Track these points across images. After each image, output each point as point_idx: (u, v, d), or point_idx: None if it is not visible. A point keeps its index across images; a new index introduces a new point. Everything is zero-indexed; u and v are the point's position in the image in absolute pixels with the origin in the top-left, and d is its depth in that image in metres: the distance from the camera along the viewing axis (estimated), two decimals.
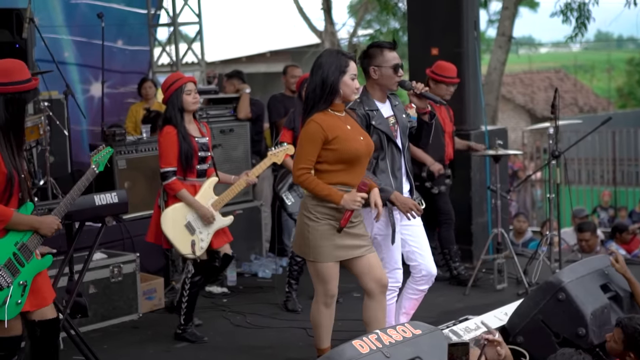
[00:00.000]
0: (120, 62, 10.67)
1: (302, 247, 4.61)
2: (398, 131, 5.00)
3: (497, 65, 14.22)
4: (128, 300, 6.29)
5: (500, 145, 7.05)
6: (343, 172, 4.53)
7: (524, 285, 6.86)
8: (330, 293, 4.64)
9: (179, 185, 5.58)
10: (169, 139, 5.55)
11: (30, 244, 4.10)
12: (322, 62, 4.52)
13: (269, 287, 7.20)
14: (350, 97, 4.58)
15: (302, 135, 4.53)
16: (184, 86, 5.60)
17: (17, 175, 4.03)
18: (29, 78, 4.07)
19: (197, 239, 5.67)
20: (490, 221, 7.92)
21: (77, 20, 10.05)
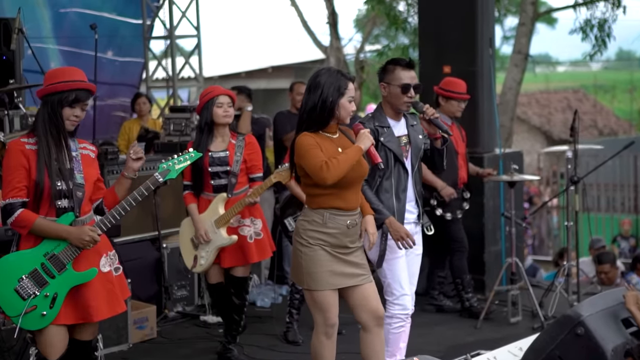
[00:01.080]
0: (110, 73, 10.72)
1: (297, 274, 4.63)
2: (409, 152, 5.04)
3: (512, 85, 14.26)
4: (117, 330, 6.27)
5: (515, 169, 7.06)
6: (334, 197, 4.53)
7: (540, 318, 6.85)
8: (330, 322, 4.63)
9: (188, 200, 5.89)
10: None
11: (63, 255, 4.18)
12: (320, 82, 4.53)
13: (267, 316, 7.19)
14: (345, 120, 4.60)
15: (299, 148, 4.50)
16: (216, 98, 5.79)
17: (50, 183, 4.15)
18: (69, 80, 4.22)
19: (199, 254, 5.90)
20: (504, 250, 7.92)
21: (66, 30, 10.11)
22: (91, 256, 4.27)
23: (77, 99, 4.21)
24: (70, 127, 4.25)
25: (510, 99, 14.34)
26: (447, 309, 7.33)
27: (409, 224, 5.06)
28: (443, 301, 7.37)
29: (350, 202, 4.58)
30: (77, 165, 4.25)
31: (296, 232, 4.63)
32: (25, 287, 4.15)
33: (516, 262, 7.04)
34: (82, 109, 4.25)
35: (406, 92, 4.97)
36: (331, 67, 4.75)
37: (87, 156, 4.36)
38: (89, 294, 4.23)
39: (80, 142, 4.38)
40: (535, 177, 10.37)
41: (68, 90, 4.20)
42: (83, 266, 4.23)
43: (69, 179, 4.21)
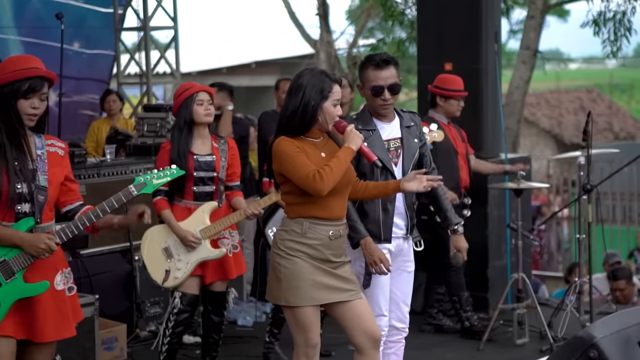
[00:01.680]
0: (76, 67, 10.67)
1: (274, 290, 4.59)
2: (400, 158, 5.03)
3: (519, 84, 14.31)
4: (84, 351, 6.24)
5: (522, 176, 7.09)
6: (315, 205, 4.52)
7: (549, 340, 6.87)
8: (311, 343, 4.61)
9: (162, 205, 5.79)
10: (162, 155, 5.81)
11: (15, 262, 4.12)
12: (302, 83, 4.52)
13: (249, 337, 7.20)
14: (328, 126, 4.57)
15: (280, 155, 4.49)
16: (195, 95, 5.77)
17: (8, 186, 4.10)
18: (20, 69, 4.15)
19: (173, 266, 5.76)
20: (509, 265, 7.94)
21: (28, 19, 10.06)
22: (47, 269, 4.20)
23: (31, 88, 4.13)
24: (28, 122, 4.18)
25: (518, 99, 14.38)
26: (447, 329, 7.35)
27: (397, 238, 5.06)
28: (442, 320, 7.39)
29: (334, 212, 4.57)
30: (42, 166, 4.19)
31: (274, 244, 4.62)
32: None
33: (523, 278, 7.06)
34: (41, 99, 4.18)
35: (378, 95, 4.96)
36: (315, 67, 4.73)
37: (55, 154, 4.29)
38: (37, 310, 4.16)
39: (47, 138, 4.31)
40: (544, 185, 10.42)
41: (20, 80, 4.13)
42: (35, 278, 4.16)
43: (31, 181, 4.15)
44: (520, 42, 14.68)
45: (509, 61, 24.94)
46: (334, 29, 18.62)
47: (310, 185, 4.43)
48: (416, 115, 5.18)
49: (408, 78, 21.56)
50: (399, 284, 5.12)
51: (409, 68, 19.47)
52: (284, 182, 4.57)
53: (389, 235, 5.01)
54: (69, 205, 4.34)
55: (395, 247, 5.06)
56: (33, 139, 4.24)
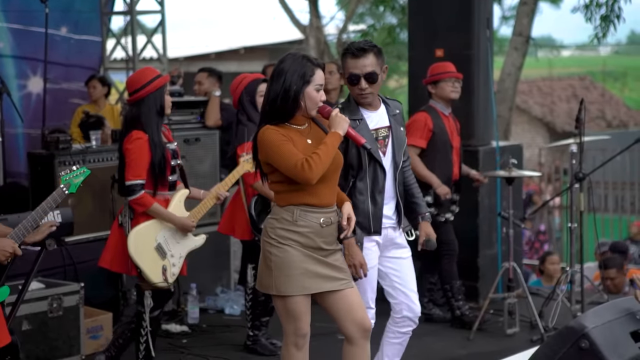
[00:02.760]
0: (64, 53, 10.60)
1: (264, 279, 4.59)
2: (389, 147, 5.02)
3: (511, 70, 14.31)
4: (68, 339, 6.25)
5: (514, 164, 7.10)
6: (304, 192, 4.52)
7: (540, 330, 6.89)
8: (301, 332, 4.62)
9: (149, 200, 5.54)
10: (140, 147, 5.51)
11: None
12: (284, 68, 4.51)
13: (237, 325, 7.20)
14: (311, 111, 4.56)
15: (266, 144, 4.47)
16: (166, 85, 5.64)
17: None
18: None
19: (168, 263, 5.67)
20: (500, 254, 7.96)
21: (15, 3, 10.01)
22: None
23: None
24: None
25: (510, 87, 14.38)
26: (437, 319, 7.37)
27: (386, 228, 5.06)
28: (432, 310, 7.41)
29: (324, 198, 4.57)
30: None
31: (264, 232, 4.62)
32: None
33: (514, 267, 7.08)
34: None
35: (354, 84, 4.94)
36: (298, 52, 4.69)
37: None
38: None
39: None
40: (536, 173, 10.40)
41: None
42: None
43: None
44: (513, 28, 14.68)
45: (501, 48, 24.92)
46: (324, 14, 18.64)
47: (299, 175, 4.42)
48: (398, 103, 5.17)
49: (399, 65, 21.52)
50: (399, 273, 5.13)
51: (399, 54, 19.42)
52: (271, 171, 4.56)
53: (378, 227, 5.01)
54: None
55: (384, 237, 5.06)
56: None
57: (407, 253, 5.17)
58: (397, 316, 5.20)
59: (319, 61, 4.61)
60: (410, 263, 5.19)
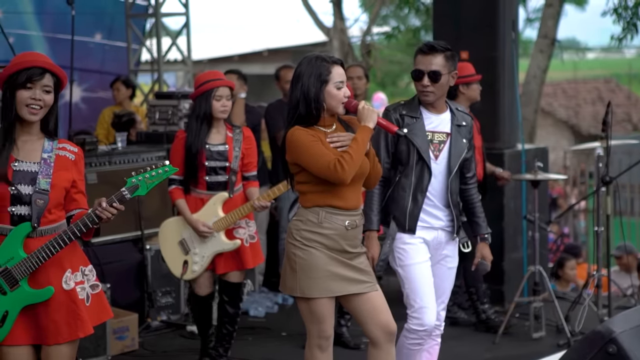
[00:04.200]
0: (99, 60, 10.63)
1: (288, 281, 4.60)
2: (444, 152, 5.03)
3: (537, 73, 14.27)
4: (95, 340, 6.29)
5: (539, 167, 7.09)
6: (330, 195, 4.53)
7: (566, 334, 6.88)
8: (325, 334, 4.63)
9: (176, 195, 5.89)
10: (176, 144, 5.93)
11: (17, 270, 4.04)
12: (301, 73, 4.52)
13: (261, 327, 7.22)
14: (337, 109, 4.56)
15: (295, 145, 4.49)
16: (216, 90, 5.79)
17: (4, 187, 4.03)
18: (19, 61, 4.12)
19: (190, 259, 5.79)
20: (525, 257, 7.94)
21: (49, 13, 10.02)
22: (52, 271, 4.11)
23: (29, 77, 4.04)
24: (30, 116, 4.06)
25: (534, 89, 14.35)
26: (462, 322, 7.37)
27: (436, 229, 5.06)
28: (457, 313, 7.41)
29: (350, 202, 4.58)
30: (46, 169, 4.09)
31: (289, 234, 4.63)
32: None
33: (540, 270, 7.06)
34: (45, 91, 4.07)
35: (417, 80, 4.99)
36: (312, 54, 4.67)
37: (64, 158, 4.18)
38: (46, 314, 4.10)
39: (60, 142, 4.20)
40: (562, 177, 10.40)
41: (18, 71, 4.06)
42: (41, 282, 4.08)
43: (29, 183, 4.06)
44: (538, 30, 14.65)
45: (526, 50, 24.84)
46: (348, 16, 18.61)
47: (331, 175, 4.43)
48: (469, 118, 5.18)
49: None
50: (436, 278, 5.12)
51: None
52: (298, 172, 4.57)
53: (413, 226, 5.02)
54: (69, 213, 4.25)
55: (434, 239, 5.08)
56: (42, 142, 4.15)
57: (452, 263, 5.18)
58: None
59: (335, 58, 4.59)
60: (451, 274, 5.20)
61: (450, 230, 5.11)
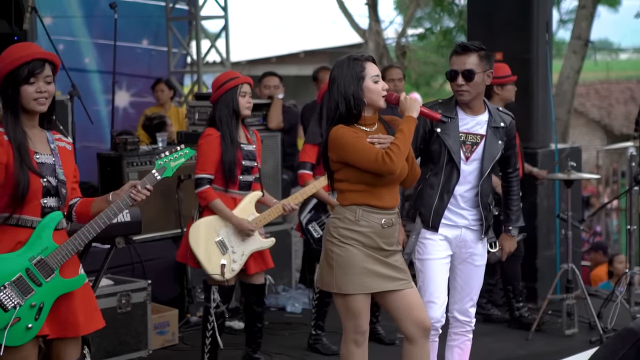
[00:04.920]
0: (146, 65, 10.67)
1: (325, 277, 4.61)
2: (476, 154, 5.01)
3: (570, 74, 14.19)
4: (137, 335, 6.34)
5: (572, 167, 7.04)
6: (367, 194, 4.53)
7: (598, 331, 6.83)
8: (360, 330, 4.64)
9: (212, 195, 5.68)
10: (210, 143, 5.69)
11: (52, 259, 4.00)
12: (335, 76, 4.52)
13: (298, 323, 7.24)
14: (379, 103, 4.54)
15: (339, 141, 4.48)
16: (240, 87, 5.75)
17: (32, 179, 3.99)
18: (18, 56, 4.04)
19: (228, 259, 5.73)
20: (558, 255, 7.89)
21: (97, 14, 10.08)
22: (71, 261, 4.09)
23: (31, 71, 3.98)
24: (39, 107, 4.01)
25: (568, 90, 14.27)
26: (496, 319, 7.34)
27: (451, 227, 5.05)
28: (491, 310, 7.38)
29: (386, 201, 4.58)
30: (57, 160, 4.10)
31: (327, 231, 4.64)
32: (9, 296, 3.93)
33: (572, 268, 7.02)
34: (46, 82, 4.01)
35: (452, 80, 4.98)
36: (344, 56, 4.65)
37: (64, 149, 4.18)
38: (71, 304, 4.07)
39: (54, 133, 4.19)
40: (595, 176, 10.31)
41: (18, 67, 3.99)
42: (68, 272, 4.07)
43: (53, 174, 4.06)
44: (571, 32, 14.56)
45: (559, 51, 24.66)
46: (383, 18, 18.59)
47: (380, 167, 4.42)
48: (510, 118, 5.14)
49: None
50: (463, 275, 5.13)
51: None
52: (338, 169, 4.57)
53: (436, 224, 5.02)
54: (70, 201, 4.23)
55: (456, 237, 5.07)
56: (44, 134, 4.13)
57: (480, 261, 5.15)
58: (449, 315, 5.20)
59: (367, 55, 4.60)
60: (479, 272, 5.16)
61: (477, 229, 5.08)
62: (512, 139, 5.16)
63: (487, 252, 5.20)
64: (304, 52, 20.23)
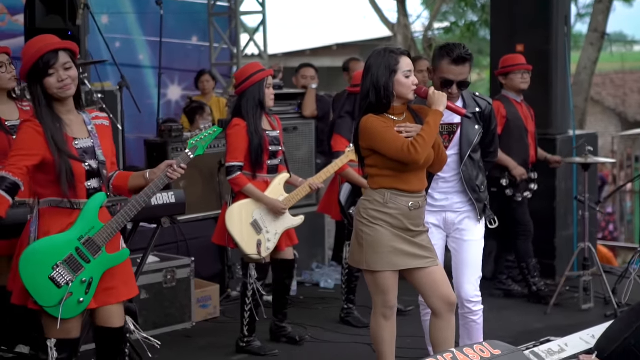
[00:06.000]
0: (196, 61, 10.70)
1: (356, 255, 4.61)
2: (453, 142, 4.93)
3: (587, 64, 14.06)
4: (181, 308, 6.38)
5: (590, 151, 6.98)
6: (395, 179, 4.50)
7: (613, 305, 6.77)
8: (389, 304, 4.64)
9: (244, 180, 5.68)
10: (238, 133, 5.67)
11: (99, 237, 4.04)
12: (370, 65, 4.49)
13: (331, 298, 7.23)
14: (408, 96, 4.50)
15: (368, 130, 4.46)
16: (266, 79, 5.73)
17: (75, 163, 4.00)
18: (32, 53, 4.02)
19: (263, 238, 5.76)
20: (576, 235, 7.83)
21: (148, 11, 10.10)
22: (114, 238, 4.13)
23: (46, 63, 3.95)
24: (67, 92, 3.98)
25: (585, 79, 14.15)
26: (516, 294, 7.29)
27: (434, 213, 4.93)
28: (511, 286, 7.34)
29: (413, 185, 4.55)
30: (96, 141, 4.08)
31: (357, 212, 4.63)
32: (61, 274, 3.98)
33: (589, 247, 6.96)
34: (65, 69, 3.96)
35: (446, 87, 4.82)
36: (381, 47, 4.61)
37: (102, 126, 4.16)
38: (113, 275, 4.10)
39: (90, 112, 4.18)
40: (611, 160, 10.22)
41: (34, 63, 3.96)
42: (111, 248, 4.10)
43: (92, 157, 4.07)
44: (588, 25, 14.42)
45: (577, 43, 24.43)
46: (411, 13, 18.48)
47: (406, 157, 4.39)
48: (485, 102, 5.00)
49: (479, 59, 21.31)
50: (456, 253, 5.01)
51: (480, 49, 19.23)
52: (368, 155, 4.56)
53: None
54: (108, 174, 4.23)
55: (442, 221, 4.97)
56: (81, 116, 4.12)
57: (470, 236, 4.96)
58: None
59: (403, 49, 4.55)
60: (474, 248, 4.97)
61: (470, 213, 4.95)
62: (489, 121, 5.01)
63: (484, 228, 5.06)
64: (336, 45, 20.18)
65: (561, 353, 5.26)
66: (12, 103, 5.13)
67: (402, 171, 4.48)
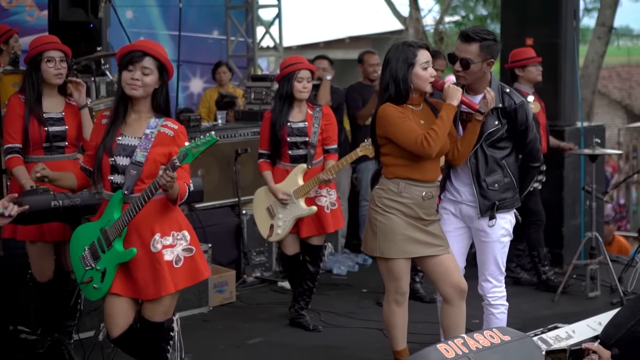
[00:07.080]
0: (217, 54, 10.70)
1: (369, 242, 4.61)
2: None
3: (594, 58, 14.00)
4: (199, 293, 6.38)
5: (597, 143, 6.95)
6: (409, 168, 4.50)
7: (619, 293, 6.75)
8: (401, 291, 4.65)
9: (263, 167, 5.93)
10: (264, 125, 5.94)
11: (111, 231, 4.09)
12: (389, 58, 4.49)
13: (343, 284, 7.23)
14: (425, 89, 4.49)
15: (385, 119, 4.44)
16: (297, 72, 5.76)
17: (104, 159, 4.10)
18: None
19: (275, 223, 5.93)
20: (583, 224, 7.81)
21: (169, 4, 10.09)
22: (144, 234, 4.10)
23: (131, 60, 4.04)
24: (131, 91, 4.04)
25: (592, 72, 14.09)
26: (524, 282, 7.28)
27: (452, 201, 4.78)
28: (520, 274, 7.32)
29: (427, 175, 4.55)
30: (145, 143, 4.08)
31: (371, 200, 4.63)
32: (86, 258, 4.18)
33: (596, 236, 6.94)
34: (144, 73, 4.04)
35: (452, 63, 4.68)
36: (400, 40, 4.61)
37: (164, 134, 4.12)
38: (136, 272, 4.11)
39: (166, 120, 4.16)
40: (617, 152, 10.16)
41: (124, 54, 4.09)
42: (130, 243, 4.09)
43: (128, 155, 4.08)
44: (596, 19, 14.35)
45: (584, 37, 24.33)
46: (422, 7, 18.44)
47: (418, 150, 4.39)
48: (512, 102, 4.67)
49: None
50: (478, 250, 4.85)
51: None
52: (384, 144, 4.55)
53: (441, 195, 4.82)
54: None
55: (459, 212, 4.77)
56: (149, 119, 4.13)
57: (487, 238, 4.78)
58: None
59: (421, 43, 4.55)
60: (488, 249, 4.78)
61: (474, 205, 4.72)
62: (515, 122, 4.68)
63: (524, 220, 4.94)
64: (349, 37, 20.16)
65: (568, 339, 5.25)
66: (61, 98, 5.17)
67: (416, 161, 4.48)
